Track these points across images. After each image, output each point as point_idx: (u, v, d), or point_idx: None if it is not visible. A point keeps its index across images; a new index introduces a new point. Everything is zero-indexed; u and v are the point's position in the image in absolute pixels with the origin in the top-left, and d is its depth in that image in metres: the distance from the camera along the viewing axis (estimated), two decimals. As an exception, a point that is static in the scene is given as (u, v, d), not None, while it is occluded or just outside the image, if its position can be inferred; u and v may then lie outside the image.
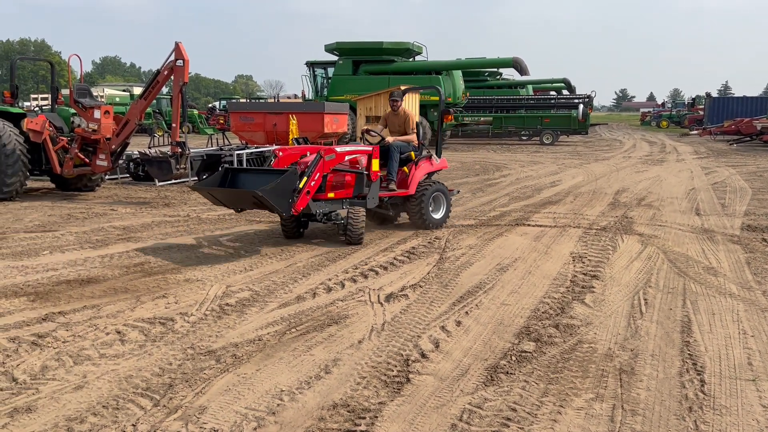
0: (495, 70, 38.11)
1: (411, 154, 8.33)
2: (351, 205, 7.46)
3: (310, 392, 3.57)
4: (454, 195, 9.00)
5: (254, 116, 16.51)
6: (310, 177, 6.89)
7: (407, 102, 18.52)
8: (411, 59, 27.69)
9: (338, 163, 7.40)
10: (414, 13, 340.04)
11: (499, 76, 39.96)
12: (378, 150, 7.82)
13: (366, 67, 26.43)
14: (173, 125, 10.93)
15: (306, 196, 6.86)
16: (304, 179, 6.84)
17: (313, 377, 3.76)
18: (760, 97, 45.43)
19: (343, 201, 7.52)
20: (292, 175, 6.75)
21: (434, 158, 8.61)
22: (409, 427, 3.20)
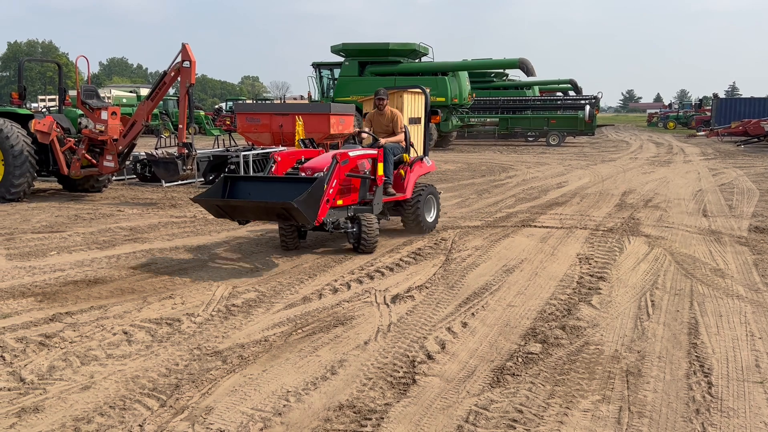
0: (501, 71, 38.07)
1: (403, 155, 7.97)
2: (356, 212, 7.10)
3: (317, 393, 3.57)
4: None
5: (260, 117, 16.52)
6: (329, 184, 6.47)
7: (411, 104, 18.57)
8: (417, 60, 27.70)
9: (351, 169, 7.05)
10: (420, 15, 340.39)
11: (505, 77, 39.89)
12: (382, 153, 7.50)
13: (372, 68, 26.43)
14: (180, 126, 10.96)
15: (326, 205, 6.43)
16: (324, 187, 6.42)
17: (319, 378, 3.76)
18: (768, 98, 45.18)
19: (348, 208, 7.11)
20: (321, 184, 6.34)
21: (426, 160, 8.42)
22: (415, 428, 3.20)
